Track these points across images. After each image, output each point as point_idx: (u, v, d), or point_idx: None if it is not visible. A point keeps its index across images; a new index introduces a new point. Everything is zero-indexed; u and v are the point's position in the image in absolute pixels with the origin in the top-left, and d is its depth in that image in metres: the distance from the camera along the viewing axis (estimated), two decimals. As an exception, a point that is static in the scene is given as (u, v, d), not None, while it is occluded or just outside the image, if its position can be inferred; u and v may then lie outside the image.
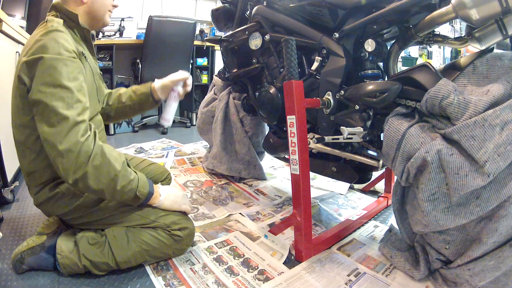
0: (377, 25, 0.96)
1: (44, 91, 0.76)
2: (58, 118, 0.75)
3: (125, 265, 0.88)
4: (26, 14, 2.70)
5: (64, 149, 0.73)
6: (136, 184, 0.84)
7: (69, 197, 0.88)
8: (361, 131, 0.93)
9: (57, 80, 0.76)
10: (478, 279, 0.75)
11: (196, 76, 3.48)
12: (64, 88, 0.77)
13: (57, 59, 0.77)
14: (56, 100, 0.75)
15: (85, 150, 0.75)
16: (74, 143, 0.74)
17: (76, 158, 0.74)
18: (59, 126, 0.74)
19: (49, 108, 0.75)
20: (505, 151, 0.66)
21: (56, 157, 0.75)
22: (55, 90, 0.76)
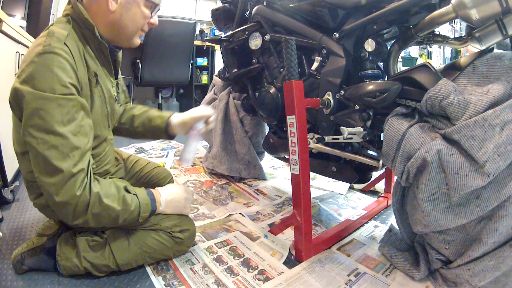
0: (377, 25, 0.96)
1: (35, 136, 0.68)
2: (52, 169, 0.68)
3: (126, 267, 0.88)
4: (26, 14, 2.71)
5: (61, 201, 0.70)
6: (138, 212, 0.82)
7: None
8: (361, 131, 0.93)
9: (49, 125, 0.67)
10: (478, 279, 0.75)
11: (196, 76, 3.48)
12: (57, 135, 0.68)
13: (48, 98, 0.67)
14: (48, 149, 0.68)
15: (82, 202, 0.72)
16: (71, 197, 0.70)
17: (73, 209, 0.72)
18: (54, 178, 0.69)
19: (42, 157, 0.68)
20: (505, 151, 0.66)
21: (54, 206, 0.73)
22: (48, 137, 0.68)
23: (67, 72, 0.71)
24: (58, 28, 0.76)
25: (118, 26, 0.81)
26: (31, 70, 0.69)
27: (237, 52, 1.41)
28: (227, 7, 1.51)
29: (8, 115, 0.94)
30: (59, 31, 0.75)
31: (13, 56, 1.50)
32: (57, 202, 0.70)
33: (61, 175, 0.69)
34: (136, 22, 0.82)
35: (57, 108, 0.68)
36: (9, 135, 0.90)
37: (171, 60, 2.91)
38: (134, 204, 0.82)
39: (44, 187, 0.71)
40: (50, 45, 0.71)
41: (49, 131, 0.68)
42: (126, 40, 0.86)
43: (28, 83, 0.68)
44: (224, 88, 1.67)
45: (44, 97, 0.67)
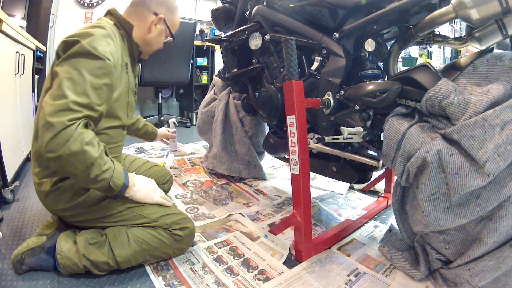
0: (377, 25, 0.96)
1: (65, 67, 0.79)
2: (60, 93, 0.76)
3: (125, 264, 0.88)
4: (26, 14, 2.71)
5: (49, 122, 0.73)
6: (111, 175, 0.82)
7: (71, 194, 0.88)
8: (361, 131, 0.93)
9: (80, 65, 0.79)
10: (478, 279, 0.75)
11: (196, 76, 3.48)
12: (80, 75, 0.79)
13: (90, 51, 0.80)
14: (67, 79, 0.78)
15: (65, 133, 0.74)
16: (59, 122, 0.74)
17: (54, 136, 0.73)
18: (57, 101, 0.75)
19: (59, 82, 0.77)
20: (505, 151, 0.67)
21: (40, 126, 0.75)
22: (73, 72, 0.78)
23: (110, 44, 0.87)
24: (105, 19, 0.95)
25: (148, 43, 1.06)
26: (81, 32, 0.84)
27: (237, 52, 1.41)
28: (227, 7, 1.51)
29: (8, 115, 0.94)
30: (107, 20, 0.95)
31: (13, 56, 1.50)
32: (45, 121, 0.74)
33: (63, 102, 0.75)
34: (159, 44, 1.10)
35: (92, 61, 0.81)
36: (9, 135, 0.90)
37: (171, 60, 2.91)
38: (109, 165, 0.82)
39: (43, 107, 0.76)
40: (101, 24, 0.89)
41: (77, 69, 0.79)
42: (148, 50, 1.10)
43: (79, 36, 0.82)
44: (224, 88, 1.67)
45: (87, 49, 0.81)
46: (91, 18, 3.13)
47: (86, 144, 0.77)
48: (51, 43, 2.99)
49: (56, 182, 0.88)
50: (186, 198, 1.44)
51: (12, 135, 1.46)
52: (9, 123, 1.42)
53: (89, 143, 0.77)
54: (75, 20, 3.09)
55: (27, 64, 1.77)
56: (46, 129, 0.74)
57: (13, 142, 1.47)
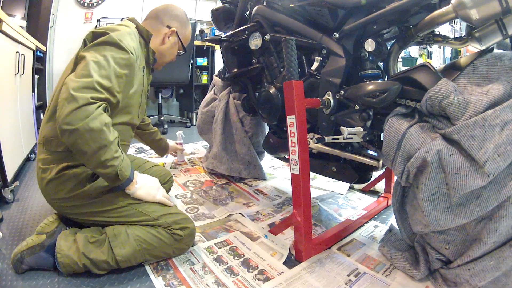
0: (377, 25, 0.96)
1: (91, 52, 0.85)
2: (86, 73, 0.80)
3: (125, 264, 0.88)
4: (26, 14, 2.70)
5: (73, 95, 0.75)
6: (120, 163, 0.83)
7: (74, 183, 0.88)
8: (361, 131, 0.93)
9: (107, 53, 0.85)
10: (478, 279, 0.75)
11: (196, 76, 3.48)
12: (106, 60, 0.84)
13: (117, 42, 0.87)
14: (94, 62, 0.82)
15: (86, 109, 0.76)
16: (83, 98, 0.76)
17: (75, 110, 0.75)
18: (82, 79, 0.79)
19: (85, 64, 0.81)
20: (505, 151, 0.67)
21: (62, 100, 0.77)
22: (100, 57, 0.84)
23: (134, 41, 0.94)
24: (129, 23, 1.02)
25: (161, 54, 1.13)
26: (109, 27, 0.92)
27: (237, 52, 1.41)
28: (227, 7, 1.51)
29: (8, 115, 0.94)
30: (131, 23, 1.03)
31: (13, 56, 1.50)
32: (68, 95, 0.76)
33: (88, 80, 0.79)
34: (172, 56, 1.17)
35: (118, 51, 0.87)
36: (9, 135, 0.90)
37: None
38: (119, 153, 0.84)
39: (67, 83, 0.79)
40: (126, 23, 0.99)
41: (103, 55, 0.85)
42: (160, 64, 1.17)
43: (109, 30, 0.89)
44: (224, 88, 1.67)
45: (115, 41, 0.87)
46: (91, 18, 3.13)
47: (105, 125, 0.79)
48: (51, 43, 2.99)
49: (61, 169, 0.88)
50: (186, 198, 1.44)
51: (12, 135, 1.46)
52: (9, 123, 1.42)
53: (107, 125, 0.80)
54: (75, 20, 3.09)
55: (27, 64, 1.78)
56: (69, 102, 0.76)
57: (13, 142, 1.47)
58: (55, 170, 0.88)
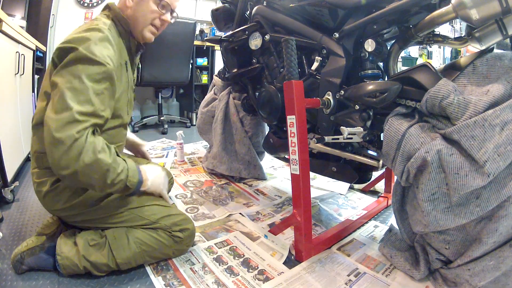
0: (377, 25, 0.96)
1: (64, 75, 0.76)
2: (63, 106, 0.73)
3: (125, 266, 0.88)
4: (26, 14, 2.71)
5: (57, 138, 0.71)
6: (126, 175, 0.82)
7: (69, 194, 0.88)
8: (361, 131, 0.93)
9: (80, 73, 0.76)
10: (478, 279, 0.75)
11: (196, 76, 3.48)
12: (82, 83, 0.76)
13: (88, 56, 0.77)
14: (69, 89, 0.75)
15: (77, 146, 0.72)
16: (68, 136, 0.72)
17: (66, 152, 0.72)
18: (61, 114, 0.73)
19: (60, 93, 0.74)
20: (505, 151, 0.66)
21: (48, 144, 0.73)
22: (74, 80, 0.75)
23: (108, 48, 0.83)
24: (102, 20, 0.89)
25: (131, 19, 0.93)
26: (77, 37, 0.79)
27: (237, 52, 1.41)
28: (227, 7, 1.51)
29: (8, 115, 0.94)
30: (104, 19, 0.89)
31: (13, 56, 1.50)
32: (52, 138, 0.71)
33: (68, 114, 0.73)
34: (145, 16, 0.93)
35: (91, 66, 0.78)
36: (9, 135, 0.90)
37: (171, 60, 2.91)
38: (122, 165, 0.82)
39: (47, 123, 0.73)
40: (97, 25, 0.84)
41: (77, 77, 0.76)
42: (139, 33, 0.96)
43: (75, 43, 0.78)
44: (224, 88, 1.67)
45: (85, 55, 0.77)
46: (91, 18, 3.13)
47: (98, 152, 0.76)
48: (51, 43, 2.98)
49: (55, 182, 0.87)
50: (186, 198, 1.44)
51: (12, 135, 1.46)
52: (9, 123, 1.42)
53: (101, 151, 0.76)
54: (75, 20, 3.09)
55: (27, 64, 1.78)
56: (55, 146, 0.71)
57: (13, 142, 1.47)
58: (50, 182, 0.87)
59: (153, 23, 0.95)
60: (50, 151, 0.72)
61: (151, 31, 0.97)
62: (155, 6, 0.93)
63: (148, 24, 0.95)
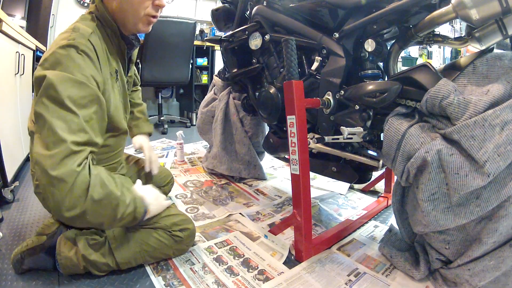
0: (377, 25, 0.96)
1: (47, 105, 0.66)
2: (55, 139, 0.64)
3: (125, 265, 0.88)
4: (26, 14, 2.71)
5: (56, 176, 0.62)
6: (134, 206, 0.78)
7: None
8: (361, 131, 0.93)
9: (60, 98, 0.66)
10: (478, 279, 0.75)
11: (196, 76, 3.48)
12: (69, 111, 0.67)
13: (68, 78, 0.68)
14: (57, 119, 0.65)
15: (81, 181, 0.64)
16: (69, 172, 0.63)
17: (70, 191, 0.63)
18: (54, 149, 0.64)
19: (47, 125, 0.65)
20: (505, 151, 0.66)
21: (45, 186, 0.63)
22: (59, 110, 0.66)
23: (88, 66, 0.73)
24: (83, 25, 0.79)
25: (119, 13, 0.83)
26: (54, 59, 0.70)
27: (237, 52, 1.41)
28: (227, 7, 1.51)
29: (7, 115, 0.93)
30: (84, 27, 0.78)
31: (13, 56, 1.50)
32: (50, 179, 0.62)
33: (63, 146, 0.64)
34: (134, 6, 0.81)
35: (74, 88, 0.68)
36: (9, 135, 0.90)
37: (171, 60, 2.91)
38: (129, 197, 0.77)
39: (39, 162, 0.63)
40: (74, 40, 0.73)
41: (62, 105, 0.66)
42: (131, 27, 0.85)
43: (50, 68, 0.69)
44: (224, 88, 1.67)
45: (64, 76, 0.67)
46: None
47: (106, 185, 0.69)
48: (51, 43, 2.98)
49: None
50: (186, 198, 1.44)
51: (12, 135, 1.46)
52: (9, 123, 1.42)
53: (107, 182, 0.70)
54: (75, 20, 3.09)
55: (27, 64, 1.77)
56: (55, 186, 0.62)
57: (13, 142, 1.47)
58: None
59: (147, 12, 0.83)
60: (49, 192, 0.63)
61: (147, 21, 0.85)
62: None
63: (141, 16, 0.83)
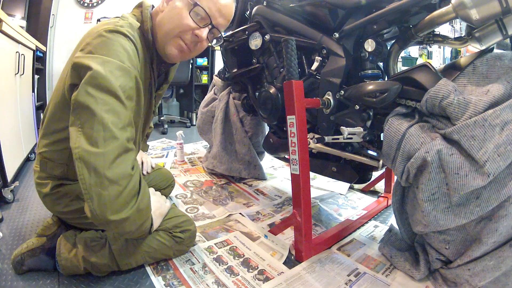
0: (377, 25, 0.96)
1: (94, 95, 0.59)
2: (106, 135, 0.59)
3: (126, 266, 0.88)
4: (26, 14, 2.71)
5: (110, 178, 0.57)
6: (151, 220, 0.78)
7: (70, 199, 0.87)
8: (361, 131, 0.93)
9: (113, 87, 0.60)
10: (478, 279, 0.75)
11: (196, 76, 3.48)
12: (118, 100, 0.61)
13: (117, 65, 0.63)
14: (108, 112, 0.60)
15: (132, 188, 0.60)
16: (123, 175, 0.58)
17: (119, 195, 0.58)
18: (107, 146, 0.58)
19: (97, 119, 0.59)
20: (505, 151, 0.66)
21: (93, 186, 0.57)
22: (108, 98, 0.60)
23: (135, 56, 0.69)
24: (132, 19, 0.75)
25: (159, 26, 0.77)
26: (101, 42, 0.64)
27: (237, 52, 1.41)
28: (227, 7, 1.51)
29: (7, 115, 0.93)
30: (133, 20, 0.74)
31: (13, 56, 1.50)
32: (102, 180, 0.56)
33: (116, 143, 0.58)
34: (172, 24, 0.75)
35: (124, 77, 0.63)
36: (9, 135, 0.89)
37: (171, 60, 2.92)
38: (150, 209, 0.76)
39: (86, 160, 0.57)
40: (122, 27, 0.69)
41: (112, 93, 0.60)
42: (162, 44, 0.78)
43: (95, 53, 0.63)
44: (224, 88, 1.67)
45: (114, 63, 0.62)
46: (91, 18, 3.13)
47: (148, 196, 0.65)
48: (51, 43, 2.99)
49: (56, 186, 0.86)
50: (186, 198, 1.44)
51: (12, 135, 1.46)
52: (9, 123, 1.42)
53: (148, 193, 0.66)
54: (75, 20, 3.09)
55: (27, 64, 1.78)
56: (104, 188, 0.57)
57: (13, 142, 1.47)
58: (50, 185, 0.85)
59: (182, 36, 0.76)
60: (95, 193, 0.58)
61: (178, 45, 0.77)
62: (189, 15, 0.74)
63: (174, 35, 0.76)
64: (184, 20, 0.74)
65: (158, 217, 0.88)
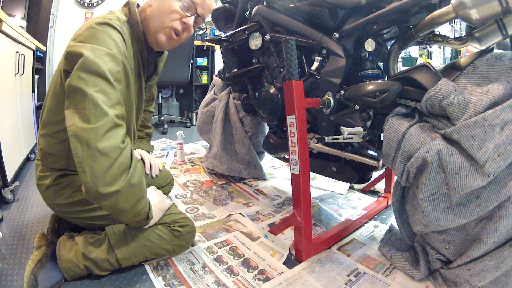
0: (377, 25, 0.96)
1: (85, 78, 0.66)
2: (97, 112, 0.64)
3: (126, 262, 0.87)
4: (26, 14, 2.71)
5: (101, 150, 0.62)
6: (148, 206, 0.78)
7: (72, 190, 0.87)
8: (361, 131, 0.93)
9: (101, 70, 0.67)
10: (478, 279, 0.75)
11: (196, 76, 3.48)
12: (107, 81, 0.68)
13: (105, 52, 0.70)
14: (98, 92, 0.66)
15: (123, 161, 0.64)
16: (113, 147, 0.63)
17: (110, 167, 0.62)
18: (98, 122, 0.63)
19: (88, 99, 0.65)
20: (505, 151, 0.66)
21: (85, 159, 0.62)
22: (98, 80, 0.67)
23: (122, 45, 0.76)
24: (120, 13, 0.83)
25: (147, 20, 0.85)
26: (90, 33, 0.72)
27: (237, 52, 1.41)
28: (227, 7, 1.51)
29: (7, 115, 0.93)
30: (120, 15, 0.82)
31: (13, 56, 1.50)
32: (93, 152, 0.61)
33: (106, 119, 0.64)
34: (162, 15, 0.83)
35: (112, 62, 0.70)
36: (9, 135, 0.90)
37: (171, 60, 2.91)
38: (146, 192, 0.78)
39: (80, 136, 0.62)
40: (111, 20, 0.76)
41: (101, 75, 0.67)
42: (153, 34, 0.86)
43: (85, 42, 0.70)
44: (224, 88, 1.67)
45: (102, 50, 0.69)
46: (91, 18, 3.13)
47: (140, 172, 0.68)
48: (51, 43, 2.99)
49: (58, 177, 0.87)
50: (186, 198, 1.44)
51: (12, 135, 1.46)
52: (9, 123, 1.42)
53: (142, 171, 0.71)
54: (75, 20, 3.09)
55: (27, 64, 1.78)
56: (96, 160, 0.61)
57: (13, 142, 1.47)
58: (52, 177, 0.86)
59: (171, 25, 0.85)
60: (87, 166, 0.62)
61: (168, 34, 0.86)
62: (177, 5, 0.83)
63: (165, 26, 0.84)
64: (174, 10, 0.84)
65: (158, 211, 0.90)
